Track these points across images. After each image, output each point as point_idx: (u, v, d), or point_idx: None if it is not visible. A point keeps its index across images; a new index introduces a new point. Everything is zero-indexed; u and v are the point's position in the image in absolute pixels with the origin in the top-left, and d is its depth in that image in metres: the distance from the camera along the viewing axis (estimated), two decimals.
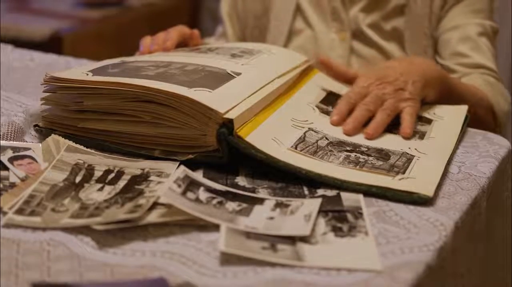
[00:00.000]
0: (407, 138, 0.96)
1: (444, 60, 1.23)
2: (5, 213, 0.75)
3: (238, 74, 0.97)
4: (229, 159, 0.86)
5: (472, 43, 1.21)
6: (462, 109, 1.07)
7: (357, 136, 0.95)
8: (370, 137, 0.94)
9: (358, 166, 0.87)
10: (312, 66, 1.15)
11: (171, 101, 0.86)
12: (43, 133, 0.94)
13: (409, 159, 0.90)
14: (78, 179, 0.82)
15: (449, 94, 1.09)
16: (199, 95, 0.87)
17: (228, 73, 0.97)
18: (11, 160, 0.85)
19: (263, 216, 0.76)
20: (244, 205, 0.78)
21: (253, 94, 0.93)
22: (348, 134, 0.94)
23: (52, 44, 2.11)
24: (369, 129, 0.95)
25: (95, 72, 0.94)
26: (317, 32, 1.28)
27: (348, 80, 1.06)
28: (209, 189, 0.80)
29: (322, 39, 1.27)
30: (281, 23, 1.30)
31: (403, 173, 0.86)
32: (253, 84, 0.96)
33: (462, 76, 1.20)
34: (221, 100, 0.87)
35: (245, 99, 0.91)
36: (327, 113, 1.01)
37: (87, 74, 0.93)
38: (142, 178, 0.83)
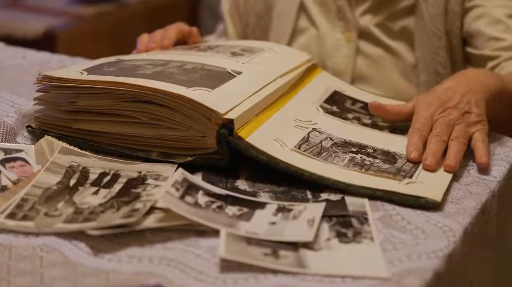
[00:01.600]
0: (483, 168, 0.92)
1: (479, 50, 1.19)
2: None
3: (239, 73, 0.97)
4: (229, 161, 0.86)
5: (503, 25, 1.19)
6: None
7: (363, 136, 0.95)
8: (453, 170, 0.89)
9: (363, 169, 0.87)
10: (315, 65, 1.15)
11: (169, 101, 0.86)
12: (36, 134, 0.94)
13: (417, 163, 0.90)
14: (72, 182, 0.82)
15: (509, 104, 1.06)
16: (198, 95, 0.87)
17: (229, 72, 0.97)
18: (3, 162, 0.85)
19: (264, 221, 0.76)
20: (245, 209, 0.78)
21: (254, 93, 0.93)
22: (431, 169, 0.89)
23: (45, 42, 2.11)
24: (451, 161, 0.90)
25: (90, 71, 0.94)
26: (321, 32, 1.28)
27: (408, 115, 1.00)
28: (208, 193, 0.80)
29: (327, 39, 1.27)
30: (284, 21, 1.30)
31: (410, 177, 0.86)
32: (255, 83, 0.96)
33: (503, 61, 1.18)
34: (221, 100, 0.87)
35: (246, 99, 0.90)
36: (331, 113, 1.01)
37: (82, 73, 0.93)
38: (139, 181, 0.83)
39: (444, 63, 1.22)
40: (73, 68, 0.98)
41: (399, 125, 1.01)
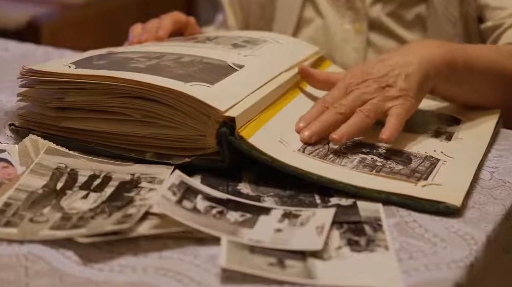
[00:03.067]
0: (387, 143, 0.91)
1: (486, 23, 1.20)
2: None
3: (241, 66, 0.97)
4: (230, 163, 0.86)
5: None
6: (495, 112, 1.06)
7: (375, 137, 0.95)
8: (335, 142, 0.89)
9: (374, 171, 0.87)
10: (324, 58, 1.15)
11: (164, 97, 0.86)
12: (19, 133, 0.94)
13: (433, 163, 0.90)
14: (59, 185, 0.82)
15: (468, 70, 1.03)
16: (196, 90, 0.87)
17: (229, 66, 0.97)
18: None
19: (269, 228, 0.76)
20: (248, 215, 0.78)
21: (257, 89, 0.93)
22: (304, 141, 0.90)
23: (29, 33, 2.11)
24: (336, 133, 0.89)
25: (78, 64, 0.94)
26: (329, 22, 1.28)
27: (334, 84, 0.98)
28: (208, 197, 0.79)
29: (335, 30, 1.27)
30: (289, 11, 1.30)
31: (426, 179, 0.86)
32: (258, 78, 0.96)
33: (508, 28, 1.17)
34: (221, 96, 0.87)
35: (249, 95, 0.91)
36: None
37: (70, 67, 0.93)
38: (132, 184, 0.83)
39: None
40: (59, 61, 0.98)
41: (414, 123, 1.01)
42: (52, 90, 0.92)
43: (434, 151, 0.93)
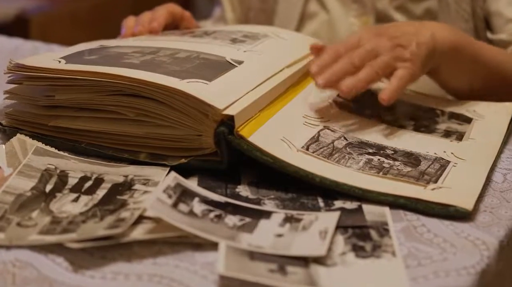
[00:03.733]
0: (384, 105, 0.95)
1: (497, 34, 1.20)
2: None
3: (240, 62, 0.97)
4: (229, 164, 0.86)
5: None
6: (509, 107, 1.06)
7: (382, 135, 0.95)
8: (344, 94, 0.94)
9: (381, 173, 0.87)
10: None
11: (159, 94, 0.86)
12: (6, 132, 0.94)
13: (444, 165, 0.90)
14: (48, 187, 0.82)
15: (473, 64, 1.07)
16: (193, 87, 0.87)
17: (228, 62, 0.97)
18: None
19: (270, 233, 0.76)
20: (247, 219, 0.78)
21: (257, 86, 0.93)
22: (319, 87, 0.95)
23: (17, 27, 2.11)
24: (345, 85, 0.93)
25: (68, 58, 0.94)
26: (334, 16, 1.28)
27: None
28: (205, 200, 0.79)
29: (340, 25, 1.27)
30: (291, 5, 1.30)
31: (435, 181, 0.86)
32: (258, 74, 0.96)
33: None
34: (220, 94, 0.87)
35: (248, 92, 0.91)
36: (347, 108, 1.01)
37: (59, 61, 0.93)
38: (125, 186, 0.83)
39: None
40: (49, 55, 0.98)
41: (425, 122, 1.01)
42: (41, 87, 0.92)
43: (444, 152, 0.93)
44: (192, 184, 0.82)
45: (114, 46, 1.01)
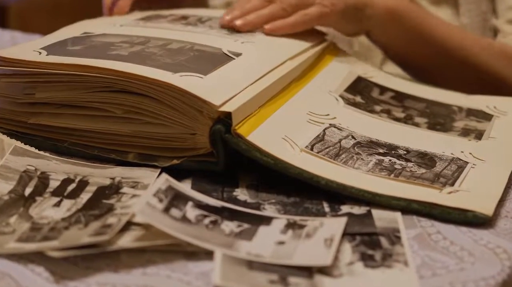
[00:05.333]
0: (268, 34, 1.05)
1: (496, 20, 1.24)
2: None
3: (238, 54, 0.97)
4: (226, 165, 0.86)
5: None
6: None
7: (394, 134, 0.95)
8: (267, 32, 1.05)
9: (393, 175, 0.87)
10: (334, 44, 1.15)
11: (149, 89, 0.87)
12: None
13: (461, 166, 0.90)
14: (28, 191, 0.82)
15: (413, 35, 1.15)
16: (187, 82, 0.87)
17: (225, 54, 0.97)
18: None
19: (270, 240, 0.76)
20: (246, 225, 0.78)
21: (257, 80, 0.93)
22: (239, 28, 1.05)
23: None
24: (270, 24, 1.04)
25: (50, 49, 0.94)
26: None
27: None
28: (199, 205, 0.80)
29: None
30: None
31: (452, 184, 0.86)
32: (258, 67, 0.96)
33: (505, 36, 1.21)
34: (216, 89, 0.87)
35: (247, 87, 0.91)
36: (354, 104, 1.01)
37: (40, 53, 0.93)
38: (112, 190, 0.83)
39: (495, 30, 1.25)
40: (28, 45, 0.98)
41: (440, 120, 1.02)
42: (19, 84, 0.92)
43: (462, 152, 0.94)
44: (185, 187, 0.82)
45: (99, 34, 1.02)
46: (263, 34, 1.07)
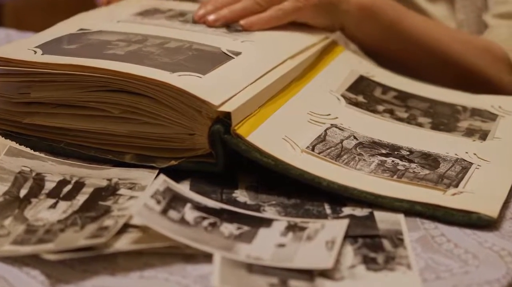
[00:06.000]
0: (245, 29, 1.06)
1: (485, 15, 1.25)
2: None
3: (237, 53, 0.98)
4: (225, 166, 0.86)
5: None
6: None
7: (397, 134, 0.95)
8: (244, 27, 1.06)
9: (395, 176, 0.87)
10: (336, 42, 1.15)
11: (147, 89, 0.87)
12: None
13: (465, 167, 0.90)
14: (23, 192, 0.82)
15: (390, 32, 1.16)
16: (186, 81, 0.87)
17: (224, 53, 0.97)
18: None
19: (270, 243, 0.76)
20: (246, 228, 0.78)
21: (257, 80, 0.93)
22: (211, 23, 1.06)
23: None
24: (245, 20, 1.05)
25: (45, 48, 0.94)
26: None
27: None
28: (198, 207, 0.80)
29: None
30: None
31: (456, 186, 0.86)
32: (257, 66, 0.96)
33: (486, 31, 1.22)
34: (215, 88, 0.87)
35: (247, 86, 0.91)
36: (356, 104, 1.01)
37: (35, 52, 0.92)
38: (109, 191, 0.83)
39: None
40: (23, 43, 0.98)
41: (444, 120, 1.01)
42: (14, 83, 0.92)
43: (466, 153, 0.94)
44: (183, 188, 0.82)
45: (96, 31, 1.01)
46: (263, 32, 1.07)
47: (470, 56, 1.18)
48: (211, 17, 1.06)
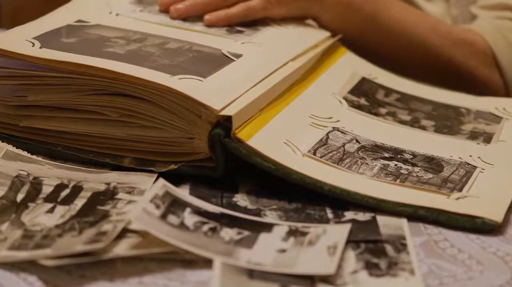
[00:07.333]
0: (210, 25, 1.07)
1: (473, 6, 1.27)
2: None
3: (238, 56, 0.98)
4: (225, 170, 0.86)
5: None
6: None
7: (400, 138, 0.95)
8: (207, 23, 1.07)
9: (399, 180, 0.87)
10: (338, 43, 1.15)
11: (147, 92, 0.87)
12: None
13: (469, 171, 0.90)
14: (20, 196, 0.82)
15: (370, 25, 1.17)
16: (186, 85, 0.87)
17: (225, 55, 0.97)
18: None
19: (271, 248, 0.76)
20: (246, 232, 0.78)
21: (258, 83, 0.93)
22: (172, 14, 1.08)
23: None
24: (211, 14, 1.06)
25: (43, 40, 0.93)
26: None
27: None
28: (198, 211, 0.80)
29: None
30: None
31: (460, 190, 0.86)
32: (258, 69, 0.96)
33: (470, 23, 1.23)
34: (216, 92, 0.87)
35: (248, 90, 0.91)
36: (358, 107, 1.01)
37: (33, 44, 0.92)
38: (107, 195, 0.83)
39: None
40: (20, 32, 0.97)
41: (447, 123, 1.02)
42: (11, 86, 0.92)
43: (470, 156, 0.94)
44: (183, 192, 0.82)
45: (94, 25, 1.01)
46: (264, 34, 1.07)
47: (448, 48, 1.19)
48: (172, 8, 1.08)
